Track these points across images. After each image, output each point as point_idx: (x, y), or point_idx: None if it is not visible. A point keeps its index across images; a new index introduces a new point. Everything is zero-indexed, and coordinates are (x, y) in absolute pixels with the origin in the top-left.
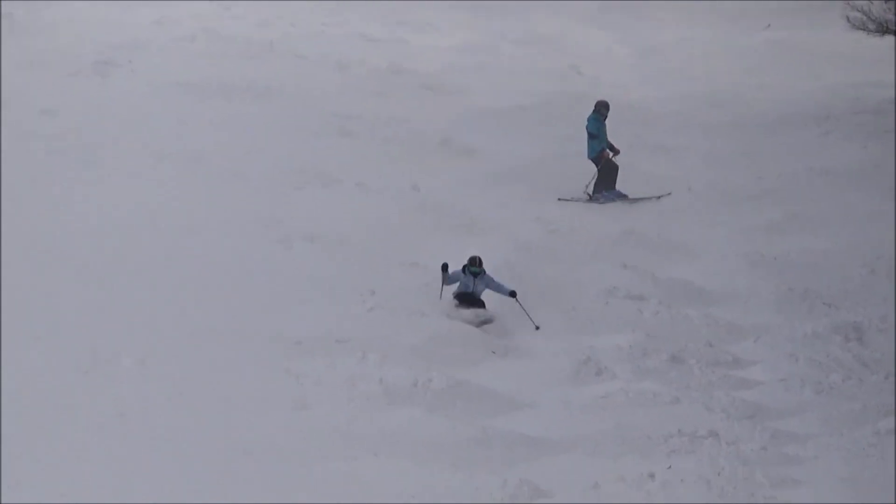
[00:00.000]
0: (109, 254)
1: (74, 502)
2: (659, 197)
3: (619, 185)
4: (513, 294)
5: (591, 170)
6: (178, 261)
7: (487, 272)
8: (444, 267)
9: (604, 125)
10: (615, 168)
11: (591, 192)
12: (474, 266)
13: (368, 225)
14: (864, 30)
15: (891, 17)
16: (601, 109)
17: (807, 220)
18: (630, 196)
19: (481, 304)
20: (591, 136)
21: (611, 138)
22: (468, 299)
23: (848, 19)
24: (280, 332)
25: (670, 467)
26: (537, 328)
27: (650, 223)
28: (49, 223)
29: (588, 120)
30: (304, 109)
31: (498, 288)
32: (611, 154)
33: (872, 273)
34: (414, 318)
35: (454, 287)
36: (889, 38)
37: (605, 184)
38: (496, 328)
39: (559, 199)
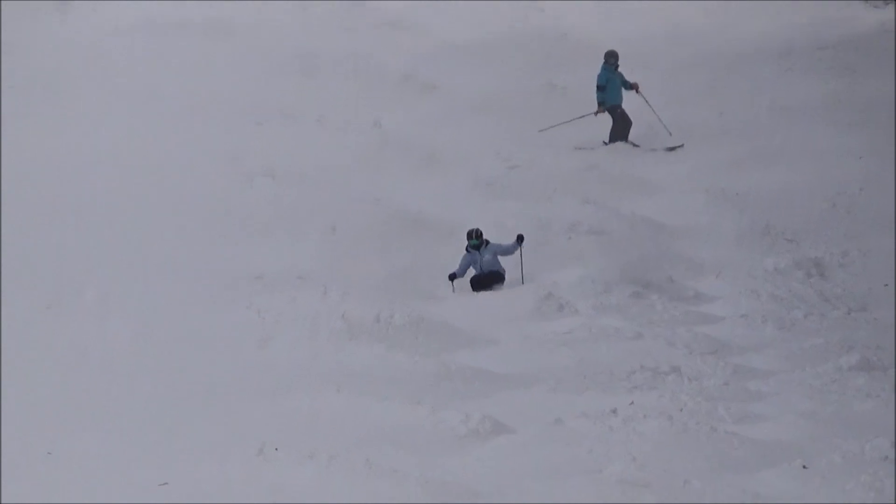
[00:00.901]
0: (71, 191)
1: (32, 433)
2: (672, 148)
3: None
4: (520, 239)
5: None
6: (139, 197)
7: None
8: (452, 277)
9: (615, 74)
10: (629, 123)
11: (606, 141)
12: (472, 239)
13: (329, 161)
14: None
15: None
16: (609, 59)
17: (768, 155)
18: (642, 147)
19: (499, 279)
20: (598, 88)
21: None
22: (482, 282)
23: None
24: (241, 268)
25: (633, 403)
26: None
27: (612, 159)
28: (9, 160)
29: (601, 69)
30: (265, 46)
31: (505, 250)
32: (636, 90)
33: (834, 208)
34: (375, 254)
35: (470, 273)
36: None
37: (620, 135)
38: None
39: (576, 148)
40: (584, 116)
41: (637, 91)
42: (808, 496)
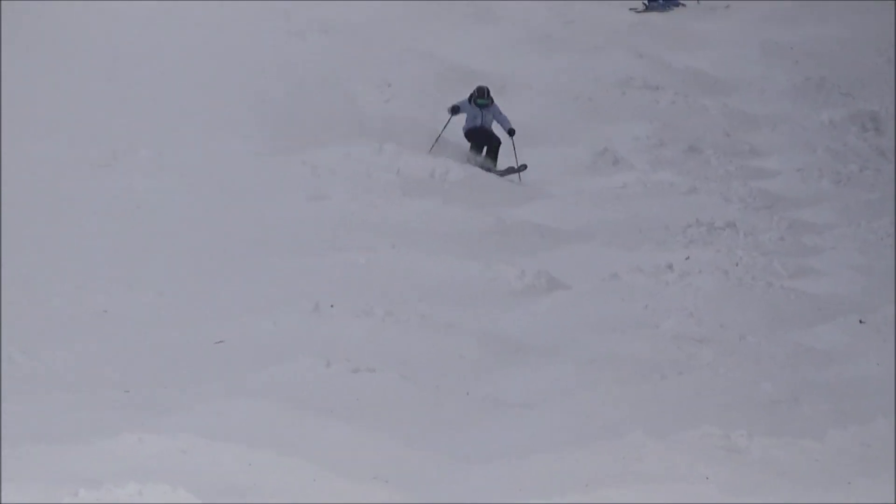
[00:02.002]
0: (127, 46)
1: (88, 291)
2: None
3: None
4: (511, 132)
5: None
6: (194, 53)
7: (495, 103)
8: (454, 109)
9: None
10: None
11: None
12: (482, 98)
13: (383, 16)
14: None
15: None
16: None
17: (821, 9)
18: (687, 4)
19: (496, 140)
20: None
21: None
22: (479, 135)
23: None
24: (296, 123)
25: (688, 258)
26: (523, 167)
27: (665, 14)
28: (73, 19)
29: None
30: None
31: (503, 121)
32: None
33: (889, 62)
34: (431, 109)
35: (462, 121)
36: None
37: None
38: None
39: (630, 10)
40: None
41: None
42: (863, 350)
